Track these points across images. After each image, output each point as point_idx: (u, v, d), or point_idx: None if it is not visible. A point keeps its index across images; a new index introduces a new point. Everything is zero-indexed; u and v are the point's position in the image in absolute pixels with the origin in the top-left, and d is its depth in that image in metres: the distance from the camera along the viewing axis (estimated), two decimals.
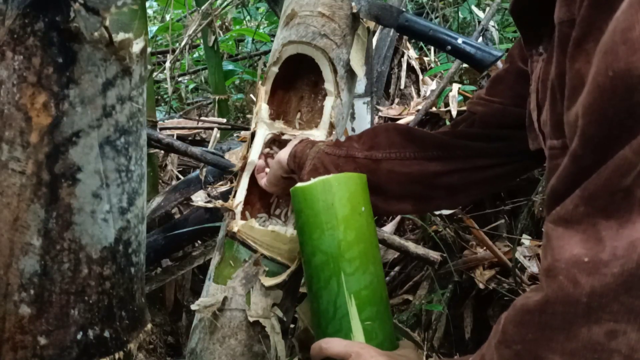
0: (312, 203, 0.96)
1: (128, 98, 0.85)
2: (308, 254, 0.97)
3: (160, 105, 3.59)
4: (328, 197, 0.96)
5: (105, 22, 0.79)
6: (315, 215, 0.96)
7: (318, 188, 0.96)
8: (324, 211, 0.95)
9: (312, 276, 0.97)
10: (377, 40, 2.94)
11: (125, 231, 0.89)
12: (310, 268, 0.97)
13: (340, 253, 0.95)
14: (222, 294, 1.19)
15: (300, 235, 1.00)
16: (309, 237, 0.97)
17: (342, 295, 0.93)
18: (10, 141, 0.80)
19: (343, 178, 0.98)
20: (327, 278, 0.95)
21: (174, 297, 1.94)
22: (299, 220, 1.00)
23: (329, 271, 0.95)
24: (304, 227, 0.98)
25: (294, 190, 1.00)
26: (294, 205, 1.01)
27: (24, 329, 0.84)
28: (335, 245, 0.95)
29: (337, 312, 0.94)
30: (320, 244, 0.95)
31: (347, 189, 0.97)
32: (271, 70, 1.28)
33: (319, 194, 0.96)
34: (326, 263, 0.95)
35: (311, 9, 1.24)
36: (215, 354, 1.18)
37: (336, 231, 0.95)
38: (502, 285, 1.79)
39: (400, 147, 1.10)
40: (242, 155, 1.29)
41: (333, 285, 0.94)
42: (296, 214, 1.00)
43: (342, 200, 0.96)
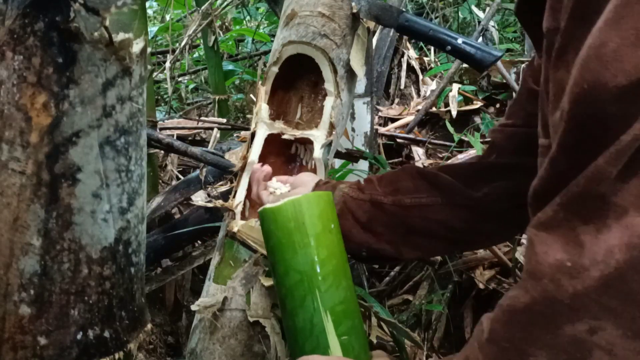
0: (284, 223, 0.97)
1: (128, 98, 0.85)
2: (281, 274, 0.97)
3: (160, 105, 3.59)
4: (299, 217, 0.96)
5: (105, 22, 0.79)
6: (288, 235, 0.96)
7: (289, 208, 0.97)
8: (295, 231, 0.96)
9: (286, 296, 0.97)
10: (377, 40, 2.94)
11: (125, 231, 0.89)
12: (284, 288, 0.97)
13: (314, 271, 0.95)
14: (222, 294, 1.19)
15: (271, 256, 1.00)
16: (282, 258, 0.97)
17: (318, 312, 0.94)
18: (10, 141, 0.80)
19: (313, 197, 1.00)
20: (302, 296, 0.95)
21: (174, 297, 1.94)
22: (269, 241, 0.99)
23: (303, 290, 0.95)
24: (275, 247, 0.98)
25: (263, 211, 1.00)
26: (263, 227, 1.00)
27: (24, 329, 0.84)
28: (309, 264, 0.95)
29: (314, 329, 0.95)
30: (294, 263, 0.95)
31: (317, 207, 0.98)
32: (271, 70, 1.28)
33: (290, 214, 0.96)
34: (300, 282, 0.95)
35: (311, 9, 1.24)
36: (215, 354, 1.18)
37: (309, 249, 0.95)
38: (502, 285, 1.79)
39: (428, 193, 1.08)
40: (242, 155, 1.29)
41: (308, 303, 0.95)
42: (266, 235, 1.00)
43: (313, 219, 0.97)
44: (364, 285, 1.81)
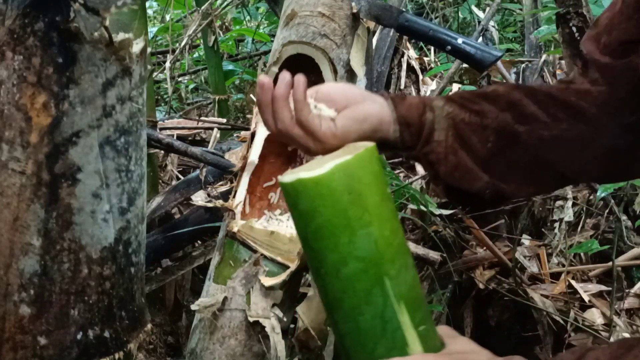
0: (336, 197, 0.73)
1: (128, 98, 0.85)
2: (333, 266, 0.75)
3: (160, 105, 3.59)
4: (354, 185, 0.73)
5: (105, 22, 0.79)
6: (342, 213, 0.73)
7: (339, 176, 0.73)
8: (352, 205, 0.73)
9: (343, 291, 0.76)
10: (377, 40, 2.94)
11: (125, 231, 0.89)
12: (339, 283, 0.76)
13: (380, 254, 0.75)
14: (222, 294, 1.19)
15: (315, 243, 0.76)
16: (334, 244, 0.75)
17: (390, 305, 0.76)
18: (10, 141, 0.80)
19: (366, 156, 0.76)
20: (367, 289, 0.75)
21: (174, 297, 1.94)
22: (311, 223, 0.75)
23: (368, 280, 0.75)
24: (322, 232, 0.75)
25: (297, 184, 0.74)
26: (300, 205, 0.76)
27: (24, 329, 0.84)
28: (372, 247, 0.75)
29: (386, 327, 0.76)
30: (353, 248, 0.74)
31: (372, 170, 0.76)
32: (271, 70, 1.28)
33: (342, 184, 0.73)
34: (364, 271, 0.75)
35: (311, 9, 1.24)
36: (215, 354, 1.18)
37: (371, 228, 0.74)
38: (502, 285, 1.79)
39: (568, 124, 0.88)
40: (242, 155, 1.29)
41: (376, 297, 0.75)
42: (305, 215, 0.75)
43: (371, 187, 0.75)
44: None
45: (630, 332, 1.71)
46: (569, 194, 2.08)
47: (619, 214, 1.86)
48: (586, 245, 1.79)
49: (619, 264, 1.85)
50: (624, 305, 1.80)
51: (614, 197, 1.97)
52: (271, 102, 0.82)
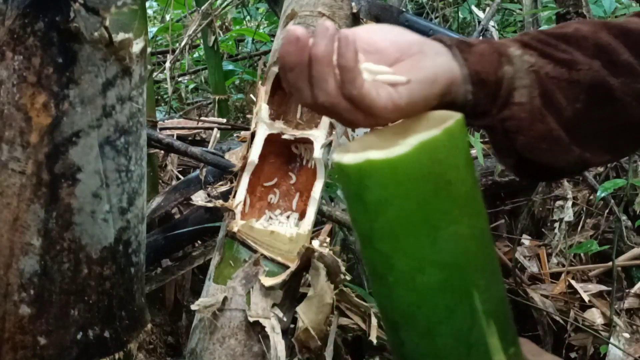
0: (417, 185, 0.56)
1: (128, 98, 0.85)
2: (407, 273, 0.59)
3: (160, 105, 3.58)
4: (443, 171, 0.56)
5: (105, 22, 0.79)
6: (423, 206, 0.57)
7: (425, 158, 0.55)
8: (437, 196, 0.57)
9: (418, 306, 0.60)
10: None
11: (125, 231, 0.89)
12: (414, 294, 0.59)
13: (468, 260, 0.59)
14: (222, 294, 1.19)
15: (382, 243, 0.59)
16: (411, 245, 0.58)
17: (478, 324, 0.60)
18: (10, 141, 0.80)
19: (456, 130, 0.57)
20: (450, 304, 0.59)
21: (174, 297, 1.94)
22: (380, 217, 0.57)
23: (453, 293, 0.59)
24: (395, 228, 0.58)
25: (365, 166, 0.55)
26: (367, 194, 0.57)
27: (24, 329, 0.84)
28: (459, 250, 0.58)
29: (471, 352, 0.61)
30: (435, 252, 0.58)
31: (463, 150, 0.59)
32: (271, 70, 1.28)
33: (427, 168, 0.55)
34: (447, 281, 0.59)
35: (311, 9, 1.24)
36: (215, 354, 1.18)
37: (459, 226, 0.58)
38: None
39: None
40: (242, 155, 1.29)
41: (462, 313, 0.60)
42: (372, 207, 0.58)
43: (461, 172, 0.58)
44: (364, 285, 1.81)
45: (630, 332, 1.71)
46: (569, 194, 2.08)
47: (619, 214, 1.86)
48: (586, 245, 1.79)
49: (619, 264, 1.86)
50: (624, 305, 1.80)
51: (614, 197, 1.97)
52: (308, 64, 0.58)
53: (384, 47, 0.62)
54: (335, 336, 1.34)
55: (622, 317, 1.76)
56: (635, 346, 1.68)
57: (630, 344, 1.68)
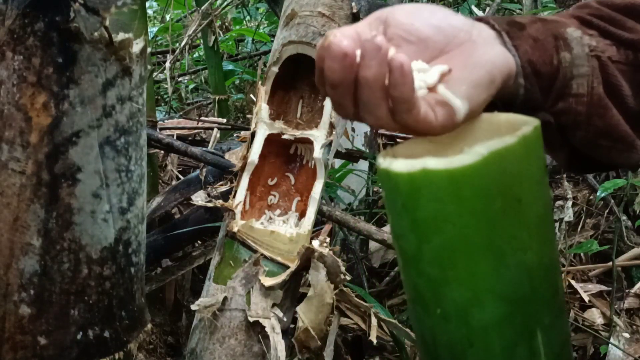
0: (483, 203, 0.47)
1: (128, 98, 0.85)
2: (460, 305, 0.50)
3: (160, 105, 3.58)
4: (514, 186, 0.47)
5: (105, 22, 0.79)
6: (488, 228, 0.48)
7: (495, 170, 0.46)
8: (505, 217, 0.48)
9: (470, 344, 0.50)
10: None
11: (125, 231, 0.89)
12: (467, 330, 0.50)
13: (535, 294, 0.50)
14: (222, 294, 1.19)
15: (434, 268, 0.50)
16: (468, 272, 0.49)
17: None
18: (10, 141, 0.80)
19: (532, 139, 0.48)
20: (509, 344, 0.51)
21: (174, 297, 1.94)
22: (435, 238, 0.49)
23: (513, 331, 0.50)
24: (451, 253, 0.49)
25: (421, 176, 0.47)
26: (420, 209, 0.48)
27: (24, 329, 0.84)
28: (525, 281, 0.49)
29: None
30: (497, 283, 0.49)
31: (538, 160, 0.50)
32: (271, 70, 1.28)
33: (497, 182, 0.46)
34: (509, 318, 0.50)
35: (311, 9, 1.24)
36: (215, 354, 1.18)
37: (528, 253, 0.49)
38: None
39: None
40: (242, 155, 1.29)
41: (521, 356, 0.51)
42: (426, 226, 0.49)
43: (535, 188, 0.49)
44: (364, 285, 1.81)
45: (630, 332, 1.71)
46: (569, 194, 2.08)
47: (619, 214, 1.86)
48: (586, 245, 1.79)
49: (619, 264, 1.85)
50: (624, 305, 1.80)
51: (614, 197, 1.97)
52: (354, 84, 0.50)
53: (427, 35, 0.53)
54: (335, 336, 1.34)
55: (622, 317, 1.76)
56: (635, 346, 1.68)
57: (630, 344, 1.68)
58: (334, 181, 1.87)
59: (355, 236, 1.95)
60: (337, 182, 1.89)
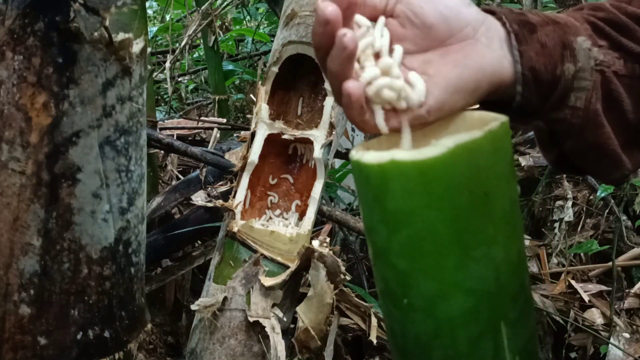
0: (450, 195, 0.48)
1: (128, 98, 0.85)
2: (427, 297, 0.51)
3: (160, 105, 3.59)
4: (481, 180, 0.48)
5: (105, 22, 0.79)
6: (454, 220, 0.48)
7: (462, 162, 0.47)
8: (471, 210, 0.48)
9: (436, 336, 0.52)
10: None
11: (125, 231, 0.89)
12: (433, 322, 0.51)
13: (500, 288, 0.51)
14: (222, 294, 1.19)
15: (401, 260, 0.50)
16: (435, 266, 0.50)
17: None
18: (10, 141, 0.80)
19: (499, 134, 0.49)
20: (473, 337, 0.51)
21: (174, 297, 1.94)
22: (403, 230, 0.49)
23: (478, 324, 0.51)
24: (419, 245, 0.49)
25: (390, 167, 0.47)
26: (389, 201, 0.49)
27: (24, 329, 0.84)
28: (491, 275, 0.50)
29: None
30: (463, 276, 0.49)
31: (506, 156, 0.51)
32: (271, 70, 1.28)
33: (464, 175, 0.47)
34: (474, 311, 0.50)
35: (311, 9, 1.24)
36: (215, 354, 1.18)
37: (493, 247, 0.50)
38: None
39: None
40: (242, 155, 1.29)
41: (486, 349, 0.51)
42: (394, 218, 0.50)
43: (502, 183, 0.50)
44: (364, 285, 1.81)
45: (630, 332, 1.71)
46: (569, 194, 2.08)
47: (619, 214, 1.86)
48: (586, 245, 1.79)
49: (619, 264, 1.85)
50: (624, 305, 1.80)
51: (614, 197, 1.97)
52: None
53: (431, 23, 0.52)
54: (335, 336, 1.34)
55: (622, 317, 1.76)
56: (635, 346, 1.68)
57: (630, 344, 1.68)
58: (334, 181, 1.87)
59: (355, 236, 1.95)
60: (337, 182, 1.89)
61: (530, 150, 2.34)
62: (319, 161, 1.25)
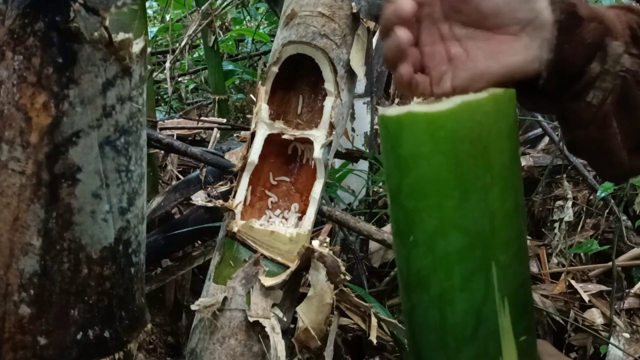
0: (452, 144, 0.56)
1: (128, 98, 0.85)
2: (429, 234, 0.58)
3: (160, 105, 3.59)
4: (482, 134, 0.56)
5: (105, 22, 0.79)
6: (455, 167, 0.56)
7: (464, 118, 0.55)
8: (471, 159, 0.56)
9: (434, 269, 0.59)
10: (377, 40, 2.94)
11: (125, 231, 0.89)
12: (432, 256, 0.59)
13: (493, 231, 0.58)
14: (222, 294, 1.19)
15: (409, 200, 0.59)
16: (437, 205, 0.57)
17: (492, 299, 0.58)
18: (10, 141, 0.80)
19: (503, 99, 0.58)
20: (467, 273, 0.58)
21: (174, 297, 1.94)
22: (411, 172, 0.58)
23: (471, 262, 0.58)
24: (424, 186, 0.58)
25: (405, 118, 0.57)
26: (402, 146, 0.58)
27: (24, 329, 0.84)
28: (485, 219, 0.57)
29: (480, 328, 0.59)
30: (460, 217, 0.57)
31: (507, 119, 0.58)
32: (271, 70, 1.28)
33: (465, 128, 0.55)
34: (468, 249, 0.58)
35: (311, 9, 1.24)
36: (215, 354, 1.18)
37: (490, 194, 0.57)
38: None
39: None
40: (242, 155, 1.29)
41: (477, 285, 0.58)
42: (405, 161, 0.58)
43: (502, 141, 0.57)
44: (364, 285, 1.81)
45: (630, 332, 1.71)
46: (569, 194, 2.08)
47: (619, 214, 1.86)
48: (586, 245, 1.79)
49: (619, 264, 1.86)
50: (624, 305, 1.80)
51: (614, 197, 1.97)
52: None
53: (486, 12, 0.59)
54: (335, 336, 1.34)
55: (622, 317, 1.76)
56: (635, 346, 1.68)
57: (630, 344, 1.68)
58: (334, 181, 1.87)
59: (355, 236, 1.95)
60: (337, 182, 1.89)
61: (530, 150, 2.34)
62: (319, 161, 1.26)
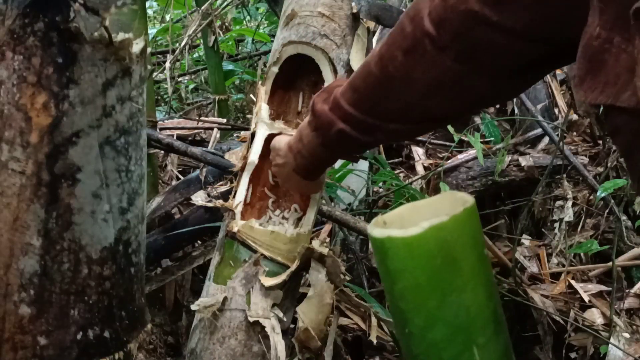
0: (426, 261, 0.69)
1: (128, 98, 0.85)
2: (419, 328, 0.72)
3: (160, 105, 3.58)
4: (449, 250, 0.69)
5: (105, 22, 0.79)
6: (432, 277, 0.70)
7: (432, 239, 0.69)
8: (444, 270, 0.69)
9: (427, 355, 0.73)
10: (377, 41, 2.94)
11: (125, 231, 0.89)
12: (425, 345, 0.73)
13: (470, 322, 0.71)
14: (222, 294, 1.19)
15: (401, 302, 0.73)
16: (422, 306, 0.71)
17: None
18: (10, 141, 0.80)
19: (463, 217, 0.70)
20: (453, 356, 0.72)
21: (174, 297, 1.94)
22: (399, 282, 0.72)
23: (455, 347, 0.71)
24: (410, 292, 0.72)
25: (387, 241, 0.71)
26: (388, 262, 0.72)
27: (24, 329, 0.84)
28: (462, 313, 0.71)
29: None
30: (441, 314, 0.71)
31: (469, 232, 0.71)
32: (271, 70, 1.28)
33: (435, 247, 0.69)
34: (451, 338, 0.71)
35: (311, 9, 1.24)
36: (215, 354, 1.18)
37: (463, 294, 0.70)
38: (502, 285, 1.79)
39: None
40: (242, 155, 1.29)
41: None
42: (393, 274, 0.73)
43: (467, 250, 0.70)
44: (364, 285, 1.81)
45: (630, 332, 1.71)
46: (569, 194, 2.08)
47: (619, 214, 1.86)
48: (586, 245, 1.79)
49: (619, 264, 1.86)
50: (624, 305, 1.80)
51: (614, 197, 1.97)
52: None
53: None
54: (335, 336, 1.34)
55: (622, 317, 1.76)
56: (635, 346, 1.68)
57: (630, 344, 1.68)
58: (334, 181, 1.87)
59: (355, 236, 1.95)
60: (337, 182, 1.89)
61: (530, 150, 2.34)
62: None
